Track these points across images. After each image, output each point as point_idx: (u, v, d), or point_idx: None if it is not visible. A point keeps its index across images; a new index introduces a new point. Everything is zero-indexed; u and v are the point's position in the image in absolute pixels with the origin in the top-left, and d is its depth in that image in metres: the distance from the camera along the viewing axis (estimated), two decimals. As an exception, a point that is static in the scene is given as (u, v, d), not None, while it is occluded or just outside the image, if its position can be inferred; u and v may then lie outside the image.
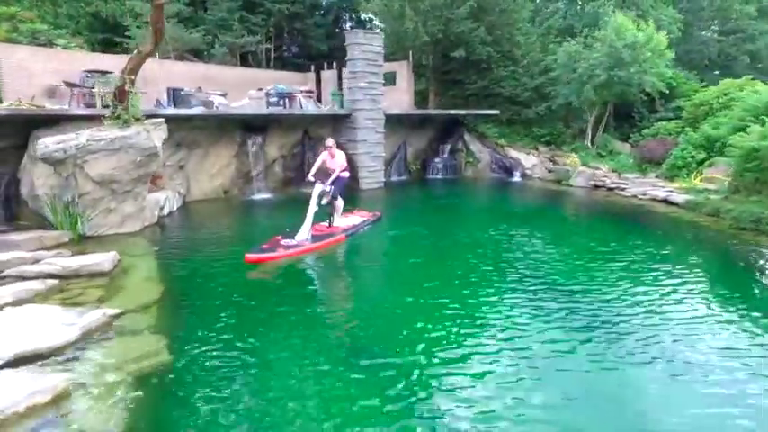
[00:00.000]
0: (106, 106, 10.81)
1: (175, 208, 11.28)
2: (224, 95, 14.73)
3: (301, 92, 15.84)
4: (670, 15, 20.18)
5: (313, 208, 8.09)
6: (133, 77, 7.88)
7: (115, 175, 8.27)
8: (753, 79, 15.50)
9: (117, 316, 5.35)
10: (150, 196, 9.64)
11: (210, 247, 8.49)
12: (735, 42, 24.93)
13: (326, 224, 8.93)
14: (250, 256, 7.01)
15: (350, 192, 14.01)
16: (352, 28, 29.66)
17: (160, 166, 9.31)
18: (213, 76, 16.83)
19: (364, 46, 13.44)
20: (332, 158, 8.77)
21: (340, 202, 9.20)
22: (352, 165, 13.98)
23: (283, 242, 7.64)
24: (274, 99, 15.48)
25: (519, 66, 18.51)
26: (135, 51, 7.73)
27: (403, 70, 18.32)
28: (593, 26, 17.50)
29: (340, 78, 20.03)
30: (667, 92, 16.71)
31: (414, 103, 19.18)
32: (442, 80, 19.94)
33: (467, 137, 18.04)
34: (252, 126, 13.21)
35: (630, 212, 11.67)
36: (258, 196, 13.16)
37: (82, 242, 8.27)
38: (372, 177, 14.44)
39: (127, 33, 17.54)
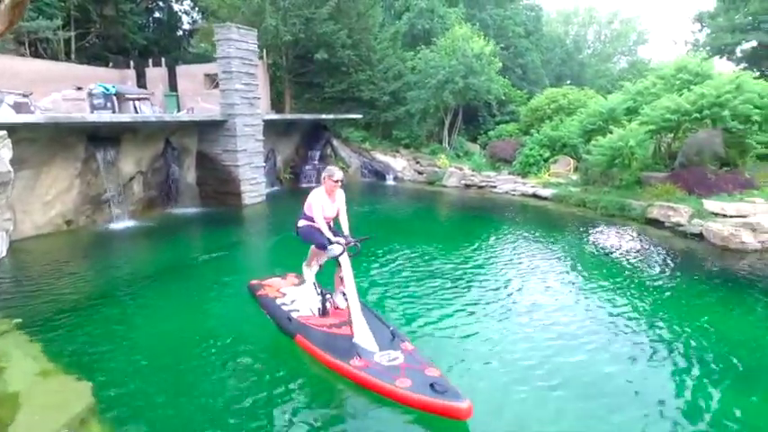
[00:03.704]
0: None
1: (5, 252, 8.06)
2: (28, 95, 11.25)
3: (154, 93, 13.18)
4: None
5: (353, 285, 4.67)
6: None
7: (-65, 220, 5.38)
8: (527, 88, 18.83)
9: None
10: (-20, 243, 6.63)
11: (94, 308, 6.10)
12: (509, 57, 30.00)
13: (315, 311, 5.29)
14: (464, 406, 3.55)
15: (233, 210, 12.24)
16: (161, 21, 25.98)
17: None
18: (-2, 70, 12.61)
19: (239, 43, 11.71)
20: (333, 200, 5.12)
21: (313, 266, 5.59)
22: (232, 178, 12.25)
23: (384, 359, 4.25)
24: (100, 101, 12.49)
25: (375, 70, 18.74)
26: (-30, 31, 4.99)
27: (258, 71, 16.72)
28: (434, 36, 18.90)
29: (172, 77, 17.33)
30: (503, 98, 19.05)
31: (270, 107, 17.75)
32: (298, 83, 18.91)
33: (335, 142, 17.50)
34: (98, 136, 10.29)
35: (515, 208, 12.85)
36: (117, 225, 10.35)
37: None
38: (255, 191, 12.77)
39: None
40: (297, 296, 5.54)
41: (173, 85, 17.39)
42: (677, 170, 11.62)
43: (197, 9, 25.16)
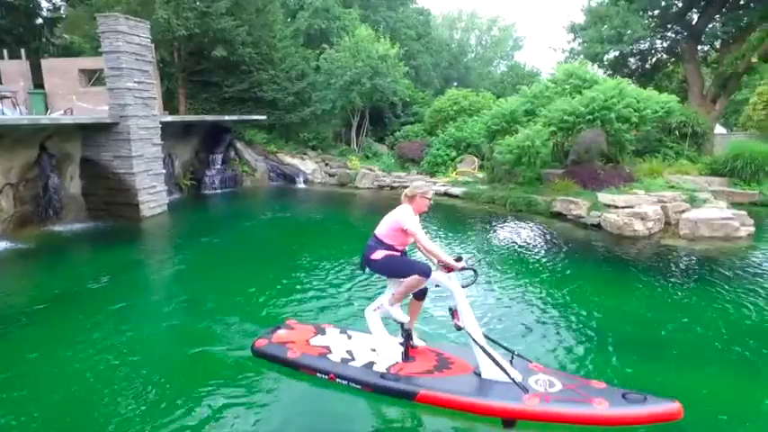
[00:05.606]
0: None
1: None
2: None
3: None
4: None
5: (472, 315, 4.02)
6: None
7: None
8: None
9: None
10: None
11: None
12: (403, 58, 30.76)
13: (397, 360, 4.30)
14: (676, 407, 3.51)
15: (130, 223, 10.89)
16: (13, 6, 22.23)
17: None
18: None
19: (128, 36, 10.36)
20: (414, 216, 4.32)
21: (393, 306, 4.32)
22: (127, 187, 10.92)
23: (545, 386, 3.79)
24: (-55, 100, 10.50)
25: (278, 69, 18.00)
26: None
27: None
28: (331, 36, 18.74)
29: (36, 72, 15.01)
30: (408, 99, 19.48)
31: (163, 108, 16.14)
32: (193, 81, 17.47)
33: (238, 145, 16.47)
34: (-50, 143, 8.44)
35: (430, 207, 13.15)
36: (-18, 249, 8.61)
37: None
38: (155, 200, 11.47)
39: None
40: (352, 346, 4.56)
41: (37, 82, 15.04)
42: (570, 167, 12.81)
43: (60, -6, 21.99)
